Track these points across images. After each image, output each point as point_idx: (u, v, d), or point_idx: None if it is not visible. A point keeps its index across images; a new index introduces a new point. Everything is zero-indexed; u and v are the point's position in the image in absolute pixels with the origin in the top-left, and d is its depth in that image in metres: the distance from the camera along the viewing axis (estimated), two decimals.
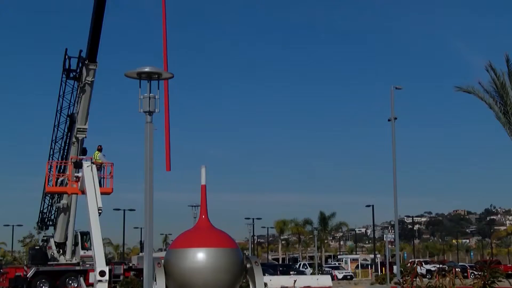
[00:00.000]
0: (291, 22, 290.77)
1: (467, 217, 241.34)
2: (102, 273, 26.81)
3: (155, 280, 16.82)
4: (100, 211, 29.34)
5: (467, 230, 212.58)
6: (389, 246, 66.64)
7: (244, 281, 18.85)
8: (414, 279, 20.03)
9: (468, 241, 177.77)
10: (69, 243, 40.56)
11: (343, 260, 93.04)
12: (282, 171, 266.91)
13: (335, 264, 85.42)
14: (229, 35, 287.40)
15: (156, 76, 13.98)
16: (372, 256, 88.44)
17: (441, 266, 54.98)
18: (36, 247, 44.58)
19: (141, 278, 29.74)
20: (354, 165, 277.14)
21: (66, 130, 37.06)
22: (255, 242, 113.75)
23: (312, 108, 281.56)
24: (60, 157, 37.15)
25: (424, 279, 20.54)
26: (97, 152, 33.71)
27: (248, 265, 17.94)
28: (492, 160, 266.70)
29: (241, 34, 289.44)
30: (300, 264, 79.21)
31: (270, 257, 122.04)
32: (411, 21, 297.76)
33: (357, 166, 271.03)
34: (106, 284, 27.19)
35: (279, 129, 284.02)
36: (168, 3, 25.31)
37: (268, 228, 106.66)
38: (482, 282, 19.27)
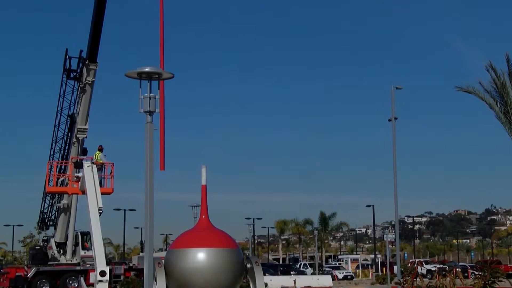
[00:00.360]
0: (291, 22, 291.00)
1: (468, 217, 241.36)
2: (102, 273, 26.79)
3: (156, 280, 16.83)
4: (100, 211, 29.33)
5: (467, 230, 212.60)
6: (390, 246, 66.61)
7: (244, 281, 18.87)
8: (415, 279, 20.02)
9: (468, 241, 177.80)
10: (70, 243, 40.54)
11: (344, 260, 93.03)
12: (282, 171, 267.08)
13: (336, 264, 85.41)
14: (229, 34, 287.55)
15: (157, 76, 13.97)
16: (372, 256, 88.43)
17: (441, 266, 54.98)
18: (36, 247, 44.57)
19: (142, 278, 29.74)
20: (354, 165, 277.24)
21: (66, 130, 37.05)
22: (256, 242, 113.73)
23: (312, 107, 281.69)
24: (60, 157, 37.14)
25: (424, 279, 20.53)
26: (98, 152, 33.71)
27: (248, 265, 17.95)
28: (493, 160, 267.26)
29: (241, 34, 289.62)
30: (300, 264, 79.21)
31: (270, 257, 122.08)
32: (411, 21, 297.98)
33: (357, 166, 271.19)
34: (107, 284, 27.17)
35: (279, 128, 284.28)
36: (167, 2, 25.37)
37: (268, 228, 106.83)
38: (483, 282, 19.26)
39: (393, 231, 66.30)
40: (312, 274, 64.56)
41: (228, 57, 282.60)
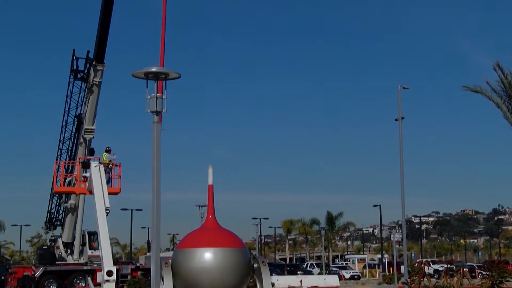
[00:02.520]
0: (296, 21, 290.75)
1: (475, 217, 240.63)
2: (109, 273, 26.84)
3: (163, 280, 16.85)
4: (107, 211, 29.39)
5: (475, 230, 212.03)
6: (397, 246, 66.47)
7: (251, 281, 18.87)
8: (422, 279, 19.93)
9: (476, 241, 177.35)
10: (77, 243, 40.67)
11: (351, 260, 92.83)
12: (289, 171, 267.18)
13: (343, 264, 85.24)
14: (235, 34, 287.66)
15: (163, 76, 13.96)
16: (379, 256, 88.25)
17: (448, 266, 54.79)
18: (44, 247, 44.73)
19: (149, 278, 29.78)
20: (361, 164, 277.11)
21: (73, 130, 37.18)
22: (262, 242, 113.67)
23: (319, 107, 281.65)
24: (68, 157, 37.27)
25: (431, 279, 20.41)
26: (105, 153, 33.80)
27: (255, 265, 17.94)
28: (500, 160, 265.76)
29: (245, 34, 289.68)
30: (307, 264, 79.09)
31: (277, 257, 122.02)
32: (418, 21, 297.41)
33: (364, 165, 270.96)
34: (114, 284, 27.22)
35: (286, 128, 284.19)
36: (173, 6, 25.64)
37: (275, 228, 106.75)
38: (490, 282, 19.14)
39: (400, 231, 66.18)
40: (319, 274, 64.44)
41: (234, 58, 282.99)
